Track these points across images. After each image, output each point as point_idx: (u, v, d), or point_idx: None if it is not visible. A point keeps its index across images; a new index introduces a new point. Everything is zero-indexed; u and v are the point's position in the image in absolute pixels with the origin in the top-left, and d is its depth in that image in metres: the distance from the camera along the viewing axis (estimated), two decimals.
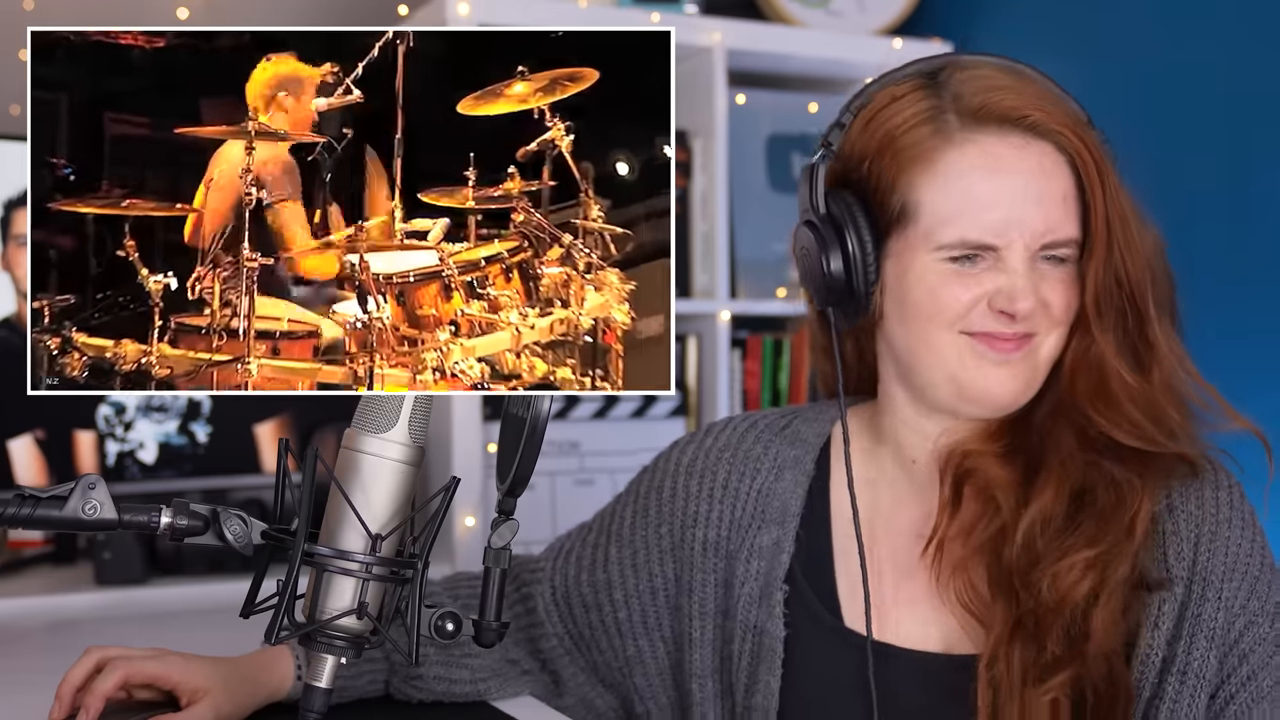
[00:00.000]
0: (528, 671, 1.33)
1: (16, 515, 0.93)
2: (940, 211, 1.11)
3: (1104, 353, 1.10)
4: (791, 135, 2.40)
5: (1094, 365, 1.10)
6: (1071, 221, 1.11)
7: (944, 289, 1.11)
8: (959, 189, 1.10)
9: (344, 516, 0.95)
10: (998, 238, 1.09)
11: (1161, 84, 2.08)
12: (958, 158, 1.10)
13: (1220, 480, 1.13)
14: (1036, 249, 1.10)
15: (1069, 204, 1.11)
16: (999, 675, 1.08)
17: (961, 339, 1.12)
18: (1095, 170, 1.10)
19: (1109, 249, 1.09)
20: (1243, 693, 1.09)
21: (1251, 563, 1.11)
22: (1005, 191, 1.09)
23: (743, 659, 1.21)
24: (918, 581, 1.17)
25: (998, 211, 1.09)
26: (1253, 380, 1.89)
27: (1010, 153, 1.10)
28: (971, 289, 1.11)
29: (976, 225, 1.09)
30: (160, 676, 1.14)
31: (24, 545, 2.06)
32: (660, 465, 1.31)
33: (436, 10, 2.09)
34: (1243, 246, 1.94)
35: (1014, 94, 1.11)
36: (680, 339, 2.31)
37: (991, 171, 1.10)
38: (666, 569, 1.28)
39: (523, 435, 0.93)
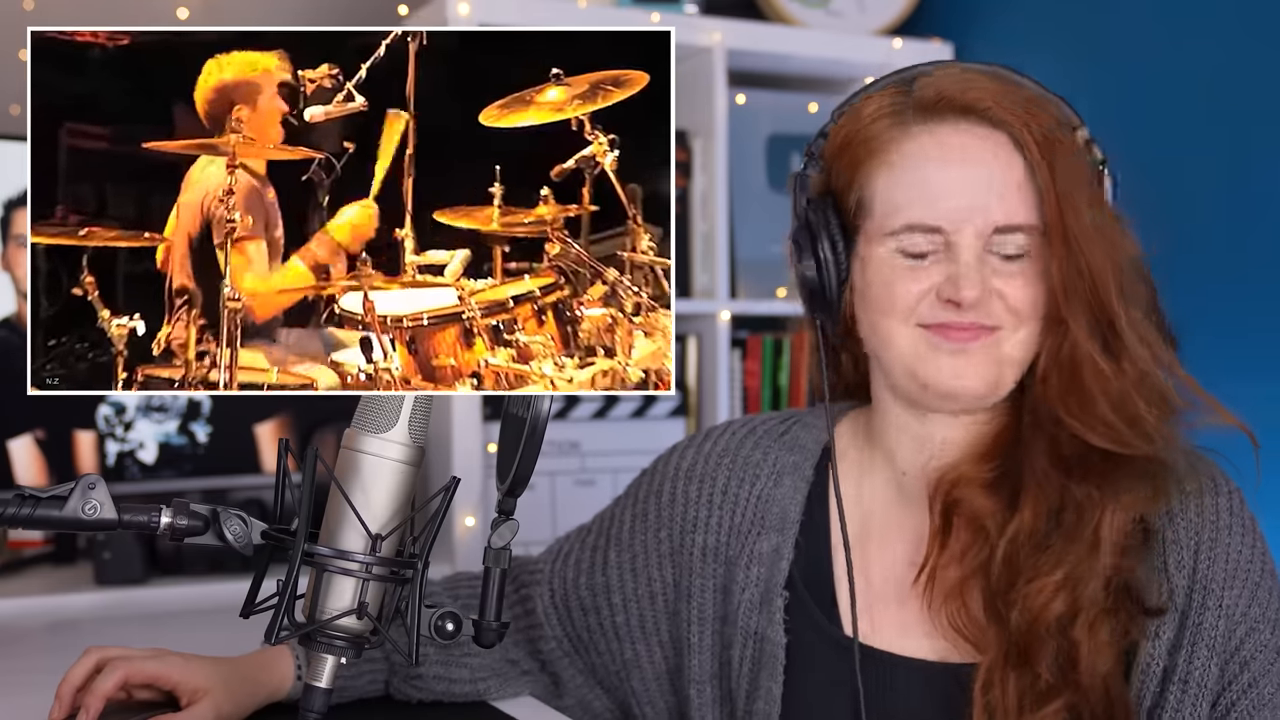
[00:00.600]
0: (527, 672, 1.33)
1: (16, 515, 0.93)
2: (893, 200, 1.12)
3: (1075, 345, 1.09)
4: (791, 135, 2.40)
5: (1065, 361, 1.09)
6: (1024, 209, 1.10)
7: (897, 282, 1.12)
8: (910, 178, 1.11)
9: (344, 516, 0.95)
10: (945, 221, 1.09)
11: (1161, 84, 2.08)
12: (913, 148, 1.11)
13: (1220, 487, 1.13)
14: (988, 235, 1.09)
15: (1023, 192, 1.10)
16: (994, 701, 1.08)
17: (916, 331, 1.12)
18: (1045, 159, 1.09)
19: (1065, 239, 1.08)
20: (1244, 700, 1.08)
21: (1252, 569, 1.10)
22: (956, 179, 1.10)
23: (743, 665, 1.21)
24: (916, 590, 1.17)
25: (948, 198, 1.10)
26: (1253, 380, 1.89)
27: (962, 141, 1.10)
28: (921, 281, 1.11)
29: (926, 210, 1.10)
30: (160, 676, 1.14)
31: (24, 545, 2.06)
32: (659, 469, 1.31)
33: (436, 10, 2.09)
34: (1242, 247, 1.94)
35: (972, 87, 1.11)
36: (680, 339, 2.31)
37: (943, 160, 1.10)
38: (665, 574, 1.28)
39: (523, 435, 0.93)
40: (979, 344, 1.10)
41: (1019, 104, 1.10)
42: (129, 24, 1.39)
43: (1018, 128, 1.09)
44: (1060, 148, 1.09)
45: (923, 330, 1.12)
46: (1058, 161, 1.09)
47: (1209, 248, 1.97)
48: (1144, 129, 2.07)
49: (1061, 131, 1.11)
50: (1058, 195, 1.08)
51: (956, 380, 1.11)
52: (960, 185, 1.10)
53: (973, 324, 1.10)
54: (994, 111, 1.10)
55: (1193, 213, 1.99)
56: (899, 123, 1.12)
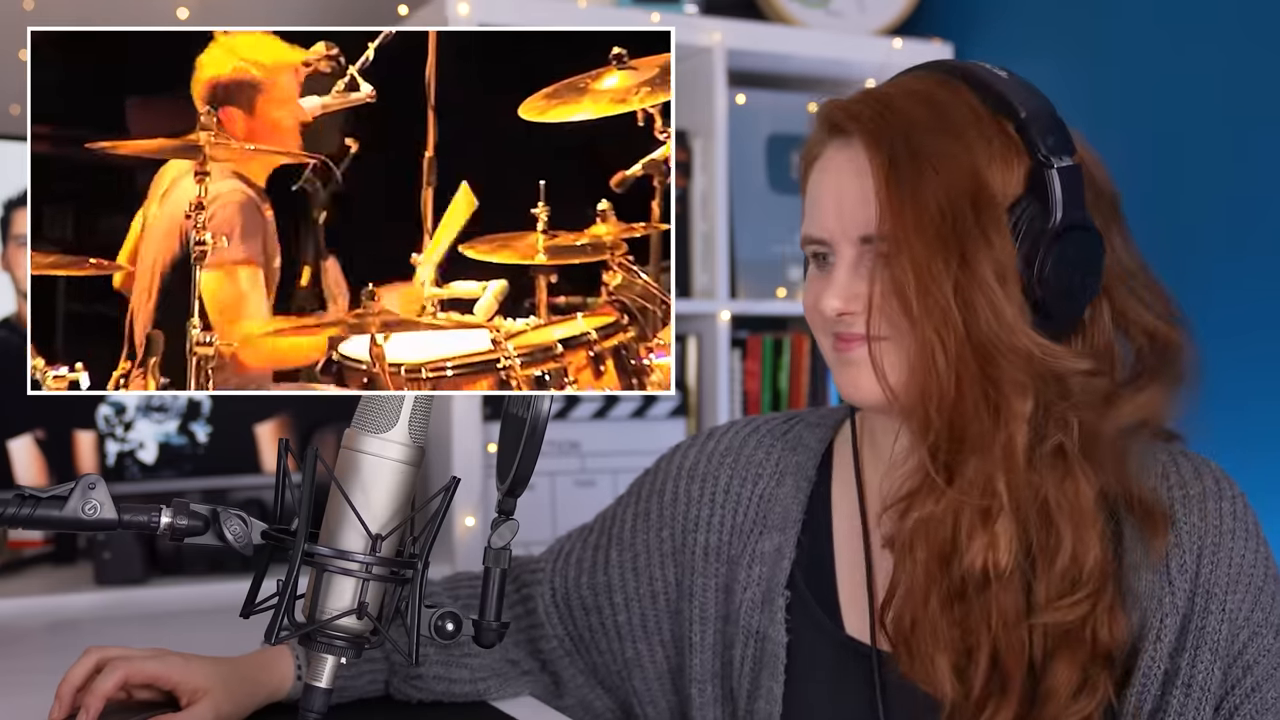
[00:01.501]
0: (528, 672, 1.33)
1: (16, 515, 0.93)
2: (804, 213, 1.16)
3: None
4: (791, 135, 2.40)
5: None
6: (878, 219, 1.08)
7: (808, 291, 1.15)
8: (809, 193, 1.15)
9: (344, 516, 0.95)
10: (825, 232, 1.12)
11: (1161, 84, 2.08)
12: (815, 164, 1.15)
13: (1224, 490, 1.12)
14: (858, 245, 1.10)
15: (877, 200, 1.08)
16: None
17: (827, 339, 1.14)
18: (884, 170, 1.07)
19: (889, 250, 1.06)
20: (1247, 704, 1.08)
21: (1255, 573, 1.10)
22: (828, 191, 1.12)
23: (744, 665, 1.21)
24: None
25: (823, 210, 1.12)
26: (1253, 380, 1.89)
27: (837, 155, 1.12)
28: (814, 293, 1.13)
29: (811, 222, 1.14)
30: (160, 677, 1.14)
31: (24, 545, 2.06)
32: (661, 468, 1.31)
33: (436, 10, 2.09)
34: (1243, 247, 1.94)
35: (854, 100, 1.12)
36: (680, 339, 2.31)
37: (822, 172, 1.14)
38: (667, 573, 1.28)
39: (523, 435, 0.93)
40: (855, 353, 1.10)
41: (874, 110, 1.10)
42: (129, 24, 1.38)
43: (863, 135, 1.09)
44: (910, 152, 1.06)
45: (830, 339, 1.13)
46: (897, 166, 1.07)
47: (1209, 248, 1.97)
48: (1143, 129, 2.07)
49: (926, 135, 1.07)
50: (886, 202, 1.06)
51: (853, 389, 1.12)
52: (830, 197, 1.12)
53: (853, 334, 1.10)
54: (847, 124, 1.11)
55: (1193, 213, 1.99)
56: (813, 143, 1.16)
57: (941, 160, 1.06)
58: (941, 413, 1.06)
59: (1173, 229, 1.15)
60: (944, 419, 1.06)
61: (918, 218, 1.05)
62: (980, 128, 1.08)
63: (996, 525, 1.05)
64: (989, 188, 1.06)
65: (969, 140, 1.07)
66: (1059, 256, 1.06)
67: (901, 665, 1.10)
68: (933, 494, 1.07)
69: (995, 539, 1.05)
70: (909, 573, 1.09)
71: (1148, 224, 1.14)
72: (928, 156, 1.06)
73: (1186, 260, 1.94)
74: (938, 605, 1.08)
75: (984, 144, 1.07)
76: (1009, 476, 1.05)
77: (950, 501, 1.06)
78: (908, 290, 1.05)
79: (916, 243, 1.05)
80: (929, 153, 1.07)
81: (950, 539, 1.07)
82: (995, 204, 1.06)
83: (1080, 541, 1.06)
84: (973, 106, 1.09)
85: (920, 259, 1.05)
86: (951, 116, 1.09)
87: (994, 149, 1.07)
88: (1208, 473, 1.13)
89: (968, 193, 1.06)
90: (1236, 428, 1.75)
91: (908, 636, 1.09)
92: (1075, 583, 1.07)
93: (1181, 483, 1.12)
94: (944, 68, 1.14)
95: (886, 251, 1.07)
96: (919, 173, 1.06)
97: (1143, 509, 1.09)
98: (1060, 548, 1.06)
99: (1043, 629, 1.07)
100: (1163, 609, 1.09)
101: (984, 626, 1.07)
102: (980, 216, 1.05)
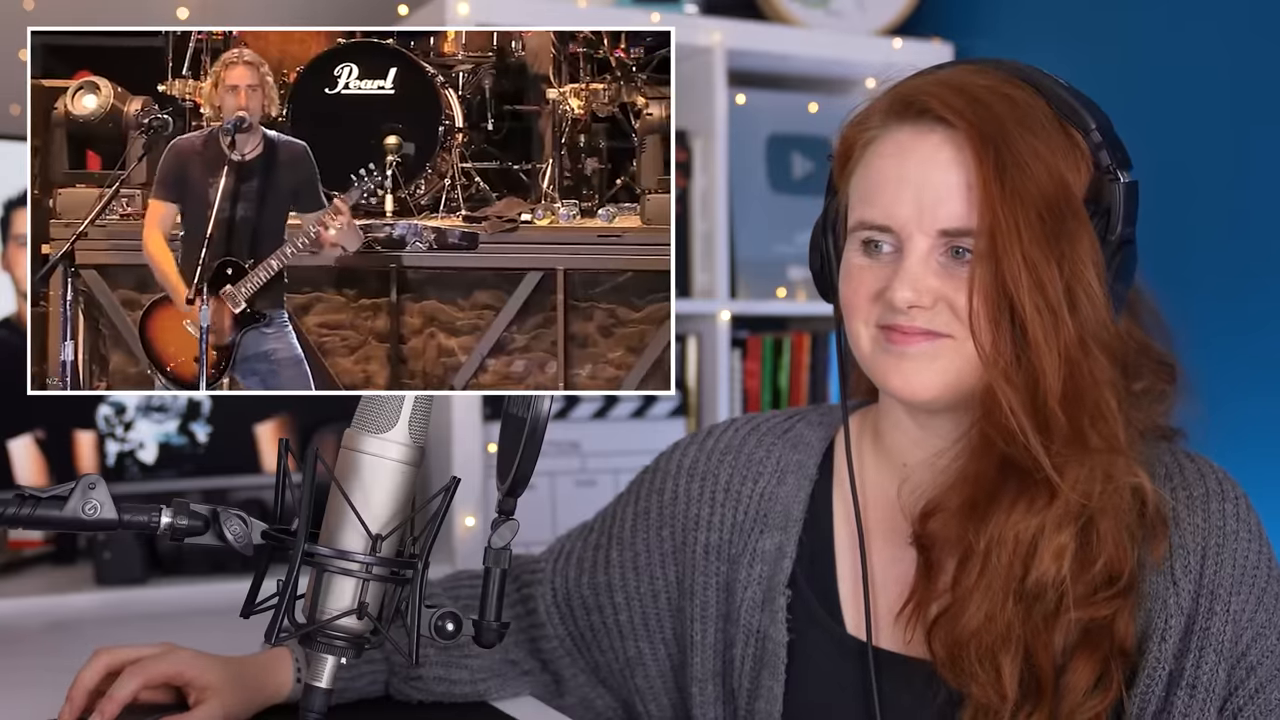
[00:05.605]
0: (528, 672, 1.33)
1: (16, 515, 0.93)
2: (855, 199, 1.13)
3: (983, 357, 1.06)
4: (791, 135, 2.40)
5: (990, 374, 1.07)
6: (970, 212, 1.07)
7: (856, 279, 1.12)
8: (869, 177, 1.12)
9: (344, 516, 0.95)
10: (893, 221, 1.09)
11: (1162, 83, 2.08)
12: (875, 149, 1.12)
13: (1227, 491, 1.12)
14: (935, 237, 1.08)
15: (973, 195, 1.07)
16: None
17: (873, 331, 1.11)
18: (982, 159, 1.06)
19: (992, 246, 1.05)
20: (1251, 705, 1.08)
21: (1259, 575, 1.10)
22: (905, 179, 1.09)
23: (745, 663, 1.21)
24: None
25: (896, 197, 1.09)
26: (1253, 380, 1.89)
27: (914, 141, 1.09)
28: (869, 283, 1.11)
29: (876, 209, 1.10)
30: (173, 675, 1.15)
31: (24, 545, 2.06)
32: (661, 466, 1.31)
33: (436, 10, 2.09)
34: (1244, 247, 1.94)
35: (934, 86, 1.10)
36: (680, 339, 2.31)
37: (896, 159, 1.10)
38: (668, 572, 1.28)
39: (523, 435, 0.93)
40: (918, 349, 1.09)
41: (967, 101, 1.08)
42: (129, 24, 1.38)
43: (962, 126, 1.07)
44: (1010, 147, 1.06)
45: (877, 330, 1.11)
46: (1002, 161, 1.06)
47: (1209, 247, 1.97)
48: (1144, 129, 2.06)
49: (1020, 132, 1.07)
50: (998, 203, 1.05)
51: (903, 384, 1.10)
52: (908, 186, 1.09)
53: (915, 328, 1.08)
54: (937, 109, 1.08)
55: (1194, 213, 1.99)
56: (870, 125, 1.13)
57: (1036, 159, 1.06)
58: (1040, 414, 1.04)
59: (1173, 229, 1.15)
60: (1039, 420, 1.04)
61: (1026, 216, 1.04)
62: (1054, 132, 1.08)
63: (1072, 527, 1.05)
64: (1071, 189, 1.07)
65: (1052, 142, 1.08)
66: (1120, 267, 1.08)
67: (944, 670, 1.09)
68: (1024, 498, 1.06)
69: (1066, 541, 1.05)
70: (981, 577, 1.07)
71: (1148, 224, 1.13)
72: (1026, 153, 1.06)
73: (1187, 258, 1.94)
74: (1012, 609, 1.07)
75: (1061, 148, 1.08)
76: (1107, 482, 1.05)
77: (1057, 507, 1.05)
78: (1017, 289, 1.04)
79: (1028, 240, 1.04)
80: (1026, 150, 1.06)
81: (1031, 542, 1.06)
82: (1080, 206, 1.07)
83: (1120, 539, 1.06)
84: (1045, 110, 1.09)
85: (1032, 257, 1.04)
86: (1034, 117, 1.08)
87: (1067, 155, 1.08)
88: (1211, 474, 1.13)
89: (1060, 193, 1.06)
90: (1236, 428, 1.75)
91: (966, 640, 1.07)
92: (1113, 578, 1.07)
93: (1185, 484, 1.12)
94: (1005, 67, 1.13)
95: (984, 249, 1.05)
96: (1021, 169, 1.05)
97: (1150, 509, 1.09)
98: (1104, 544, 1.06)
99: (1067, 625, 1.06)
100: (1167, 610, 1.08)
101: (1026, 626, 1.07)
102: (1076, 217, 1.06)
